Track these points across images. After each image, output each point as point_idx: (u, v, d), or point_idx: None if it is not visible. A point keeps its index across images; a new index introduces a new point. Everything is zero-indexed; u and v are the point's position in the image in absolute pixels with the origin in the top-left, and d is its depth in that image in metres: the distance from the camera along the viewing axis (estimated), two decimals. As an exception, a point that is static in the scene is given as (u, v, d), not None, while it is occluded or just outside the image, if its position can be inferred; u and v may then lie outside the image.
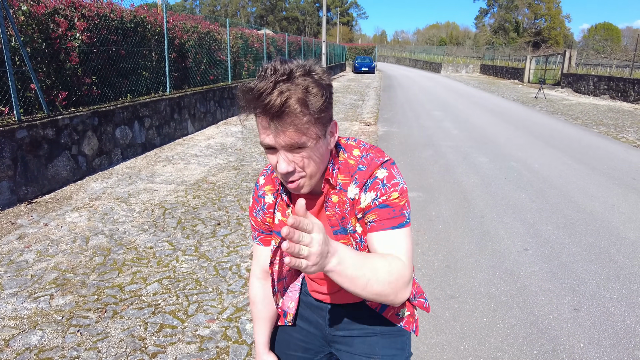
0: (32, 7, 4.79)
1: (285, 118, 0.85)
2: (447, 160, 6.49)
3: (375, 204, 0.99)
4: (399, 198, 0.99)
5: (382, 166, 1.02)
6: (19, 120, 4.37)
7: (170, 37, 7.77)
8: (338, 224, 1.05)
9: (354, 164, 1.03)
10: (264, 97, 0.84)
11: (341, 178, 1.02)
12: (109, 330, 2.40)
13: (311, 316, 1.26)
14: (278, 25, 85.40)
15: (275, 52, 15.20)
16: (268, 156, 0.94)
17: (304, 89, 0.87)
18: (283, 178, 0.95)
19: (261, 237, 1.19)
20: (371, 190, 0.99)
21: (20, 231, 3.67)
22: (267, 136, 0.89)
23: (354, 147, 1.06)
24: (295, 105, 0.85)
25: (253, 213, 1.17)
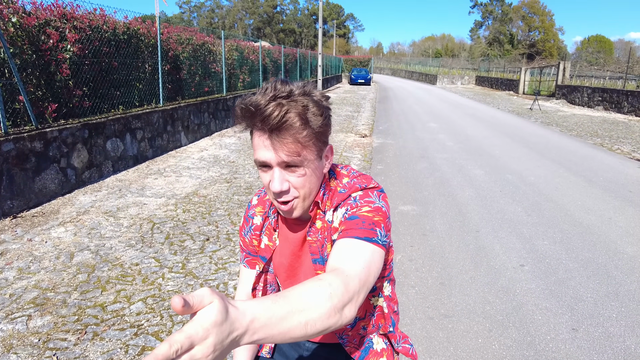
0: (22, 18, 4.74)
1: (284, 132, 0.85)
2: (442, 173, 6.43)
3: (345, 217, 0.94)
4: (370, 212, 0.91)
5: (361, 189, 0.98)
6: (5, 133, 4.29)
7: (164, 49, 7.74)
8: (318, 252, 1.00)
9: (339, 191, 1.00)
10: (264, 110, 0.84)
11: (328, 204, 1.00)
12: (87, 353, 2.29)
13: (289, 352, 1.20)
14: (275, 38, 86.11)
15: (271, 64, 15.24)
16: (262, 175, 0.92)
17: (303, 105, 0.87)
18: (276, 198, 0.92)
19: (248, 258, 1.15)
20: (343, 206, 0.96)
21: (2, 247, 3.56)
22: (264, 152, 0.87)
23: (345, 176, 1.04)
24: (294, 118, 0.85)
25: (242, 233, 1.15)
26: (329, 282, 0.71)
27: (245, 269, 1.16)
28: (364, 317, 1.09)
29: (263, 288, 1.12)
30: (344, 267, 0.78)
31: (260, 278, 1.10)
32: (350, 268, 0.78)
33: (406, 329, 2.60)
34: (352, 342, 1.09)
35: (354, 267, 0.79)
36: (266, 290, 1.13)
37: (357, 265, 0.80)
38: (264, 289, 1.12)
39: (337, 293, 0.70)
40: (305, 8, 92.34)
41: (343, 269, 0.78)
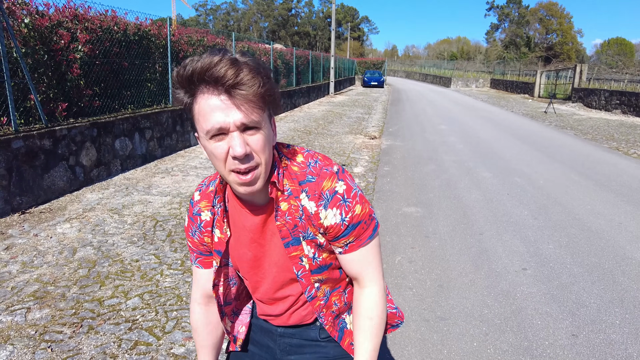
0: (35, 19, 4.86)
1: (244, 87, 0.79)
2: (449, 175, 6.36)
3: (345, 224, 0.94)
4: (362, 207, 0.96)
5: (339, 178, 0.96)
6: (15, 131, 4.39)
7: (175, 50, 7.84)
8: (289, 235, 0.97)
9: (298, 171, 0.96)
10: (217, 67, 0.78)
11: (288, 183, 0.95)
12: (81, 346, 2.32)
13: (262, 340, 1.18)
14: (290, 40, 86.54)
15: (282, 65, 15.31)
16: (214, 147, 0.83)
17: (255, 64, 0.83)
18: (236, 168, 0.84)
19: (200, 258, 1.10)
20: (333, 207, 0.94)
21: (9, 241, 3.64)
22: (219, 115, 0.80)
23: (297, 153, 1.00)
24: (249, 74, 0.79)
25: (189, 233, 1.09)
26: (368, 310, 1.03)
27: (199, 269, 1.12)
28: (335, 290, 1.08)
29: (224, 283, 1.09)
30: (367, 278, 1.03)
31: (220, 273, 1.07)
32: (371, 273, 1.03)
33: (400, 330, 2.57)
34: (328, 321, 1.08)
35: (373, 270, 1.03)
36: (226, 284, 1.10)
37: (374, 268, 1.03)
38: (225, 283, 1.10)
39: (376, 312, 1.03)
40: (320, 11, 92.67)
41: (367, 281, 1.03)
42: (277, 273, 1.03)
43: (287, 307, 1.08)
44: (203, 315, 1.15)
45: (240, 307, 1.18)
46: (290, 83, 16.41)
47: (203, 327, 1.15)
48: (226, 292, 1.11)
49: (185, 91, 0.83)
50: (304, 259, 1.00)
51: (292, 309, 1.09)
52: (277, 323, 1.12)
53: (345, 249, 0.99)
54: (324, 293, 1.06)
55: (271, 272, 1.04)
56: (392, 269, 3.37)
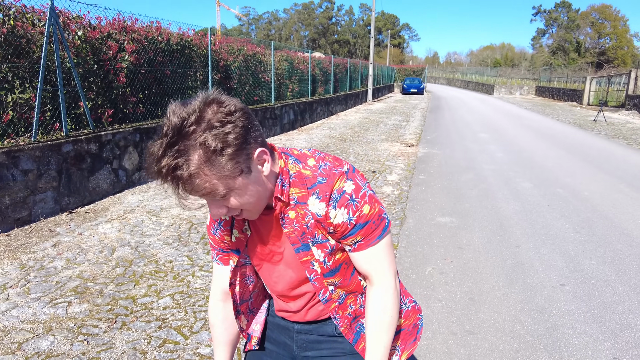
0: (87, 32, 5.19)
1: (190, 182, 0.79)
2: (488, 185, 6.17)
3: (352, 223, 0.96)
4: (371, 207, 0.98)
5: (348, 177, 0.97)
6: (66, 135, 4.69)
7: (215, 59, 8.11)
8: (299, 241, 1.00)
9: (310, 175, 0.97)
10: (160, 165, 0.78)
11: (296, 192, 0.97)
12: (114, 341, 2.43)
13: (279, 337, 1.20)
14: (329, 48, 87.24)
15: (320, 73, 15.45)
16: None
17: (202, 145, 0.77)
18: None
19: (220, 255, 1.13)
20: (341, 206, 0.95)
21: (56, 239, 3.88)
22: (182, 201, 0.84)
23: (309, 157, 1.01)
24: (195, 166, 0.78)
25: (211, 231, 1.13)
26: (382, 309, 1.04)
27: (219, 266, 1.15)
28: (351, 293, 1.09)
29: (240, 282, 1.12)
30: (376, 277, 1.04)
31: (237, 272, 1.10)
32: (382, 271, 1.03)
33: (426, 342, 2.51)
34: (344, 323, 1.09)
35: (384, 269, 1.03)
36: (243, 283, 1.13)
37: (386, 267, 1.03)
38: (241, 282, 1.13)
39: (389, 312, 1.04)
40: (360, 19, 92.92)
41: (377, 279, 1.04)
42: (294, 272, 1.06)
43: (305, 304, 1.10)
44: (221, 312, 1.18)
45: (257, 306, 1.21)
46: (328, 91, 16.53)
47: (220, 323, 1.18)
48: (242, 290, 1.14)
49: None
50: (315, 263, 1.02)
51: (309, 305, 1.11)
52: (294, 319, 1.14)
53: (353, 247, 1.01)
54: (338, 296, 1.07)
55: (287, 274, 1.06)
56: (422, 279, 3.30)
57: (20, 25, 4.40)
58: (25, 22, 4.50)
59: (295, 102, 12.26)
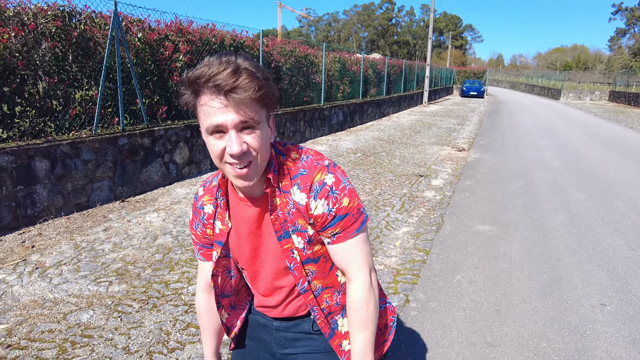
0: (146, 34, 5.58)
1: (241, 91, 0.87)
2: (537, 194, 5.85)
3: (331, 215, 1.01)
4: (350, 200, 1.03)
5: (329, 171, 1.02)
6: (122, 130, 5.08)
7: (268, 61, 8.37)
8: (281, 228, 1.04)
9: (292, 166, 1.03)
10: (219, 72, 0.87)
11: (281, 180, 1.03)
12: (144, 320, 2.63)
13: (259, 335, 1.25)
14: (388, 49, 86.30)
15: (373, 75, 15.37)
16: (214, 144, 0.92)
17: (255, 68, 0.91)
18: (232, 164, 0.93)
19: (202, 251, 1.19)
20: (321, 197, 1.00)
21: (107, 224, 4.23)
22: (219, 115, 0.88)
23: (292, 150, 1.07)
24: (246, 79, 0.88)
25: (193, 226, 1.18)
26: (356, 304, 1.07)
27: (202, 261, 1.21)
28: (327, 288, 1.12)
29: (222, 274, 1.17)
30: (353, 272, 1.08)
31: (220, 264, 1.15)
32: (356, 265, 1.07)
33: (442, 350, 2.46)
34: (321, 317, 1.12)
35: (359, 262, 1.07)
36: (224, 276, 1.18)
37: (360, 261, 1.07)
38: (223, 275, 1.18)
39: (363, 305, 1.07)
40: (420, 20, 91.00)
41: (354, 275, 1.08)
42: (273, 261, 1.10)
43: (283, 298, 1.14)
44: (206, 302, 1.25)
45: (238, 302, 1.27)
46: (380, 92, 16.40)
47: (205, 312, 1.26)
48: (224, 283, 1.20)
49: (191, 92, 0.92)
50: (295, 251, 1.06)
51: (287, 300, 1.15)
52: (273, 315, 1.19)
53: (332, 239, 1.05)
54: (315, 288, 1.11)
55: (268, 261, 1.11)
56: (449, 287, 3.23)
57: (89, 29, 4.83)
58: (94, 27, 4.94)
59: (345, 103, 12.30)
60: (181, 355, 2.33)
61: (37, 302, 2.79)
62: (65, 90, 4.62)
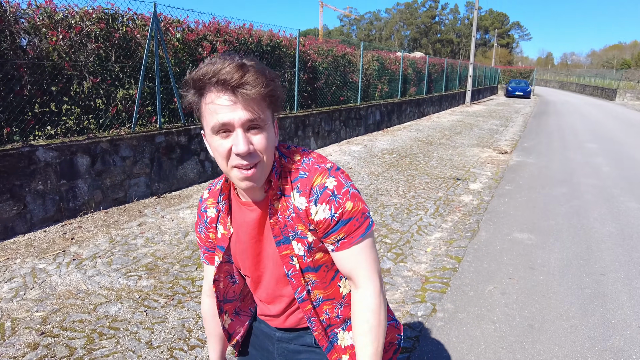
0: (185, 34, 5.72)
1: (247, 87, 0.85)
2: (582, 202, 5.50)
3: (334, 220, 0.96)
4: (354, 204, 0.97)
5: (330, 174, 0.98)
6: (159, 128, 5.24)
7: (304, 60, 8.38)
8: (280, 233, 1.01)
9: (293, 169, 1.00)
10: (225, 69, 0.85)
11: (282, 183, 1.00)
12: (168, 316, 2.68)
13: (263, 343, 1.23)
14: (431, 48, 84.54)
15: (413, 74, 15.07)
16: (219, 144, 0.89)
17: (259, 65, 0.90)
18: (238, 165, 0.90)
19: (206, 254, 1.18)
20: (322, 202, 0.96)
21: (142, 219, 4.37)
22: (225, 113, 0.86)
23: (295, 152, 1.03)
24: (253, 76, 0.86)
25: (197, 229, 1.17)
26: (366, 314, 1.01)
27: (207, 265, 1.19)
28: (328, 300, 1.08)
29: (224, 279, 1.15)
30: (361, 278, 1.02)
31: (222, 269, 1.13)
32: (364, 272, 1.01)
33: (467, 364, 2.34)
34: (318, 329, 1.07)
35: (367, 269, 1.01)
36: (227, 281, 1.16)
37: (368, 268, 1.01)
38: (225, 280, 1.15)
39: (374, 314, 1.01)
40: (465, 17, 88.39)
41: (361, 281, 1.02)
42: (274, 268, 1.06)
43: (284, 308, 1.11)
44: (211, 307, 1.23)
45: (243, 309, 1.24)
46: (420, 91, 16.05)
47: (211, 317, 1.24)
48: (227, 289, 1.17)
49: (195, 91, 0.90)
50: (294, 258, 1.02)
51: (289, 311, 1.11)
52: (275, 325, 1.15)
53: (336, 246, 0.99)
54: (315, 298, 1.06)
55: (269, 267, 1.07)
56: (480, 298, 3.08)
57: (130, 31, 5.01)
58: (135, 28, 5.11)
59: (382, 102, 12.13)
60: (200, 353, 2.35)
61: (72, 292, 2.91)
62: (107, 89, 4.82)
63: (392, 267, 3.53)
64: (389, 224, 4.51)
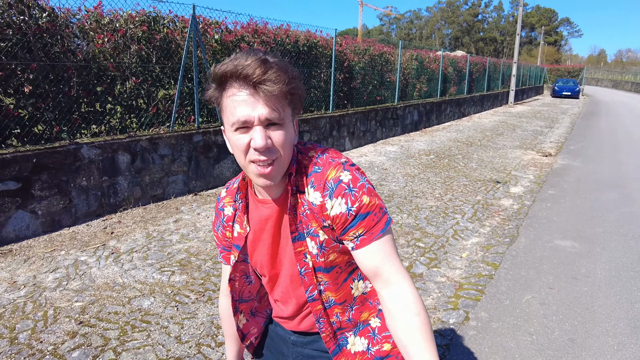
0: (223, 35, 5.84)
1: (268, 84, 0.85)
2: (635, 209, 5.14)
3: (352, 214, 0.93)
4: (370, 198, 0.94)
5: (344, 168, 0.95)
6: (197, 127, 5.37)
7: (341, 60, 8.35)
8: (296, 229, 0.99)
9: (308, 164, 0.98)
10: (247, 65, 0.85)
11: (299, 179, 0.98)
12: (198, 312, 2.73)
13: (278, 347, 1.21)
14: (474, 47, 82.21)
15: (453, 73, 14.68)
16: (237, 139, 0.89)
17: (282, 62, 0.89)
18: (256, 161, 0.89)
19: (223, 254, 1.17)
20: (338, 196, 0.93)
21: (178, 216, 4.49)
22: (245, 109, 0.86)
23: (310, 149, 1.02)
24: (275, 73, 0.85)
25: (215, 227, 1.17)
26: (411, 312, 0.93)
27: (224, 264, 1.18)
28: (340, 304, 1.04)
29: (240, 279, 1.14)
30: (389, 274, 0.96)
31: (237, 268, 1.12)
32: (391, 267, 0.96)
33: (500, 377, 2.23)
34: (327, 330, 1.04)
35: (392, 264, 0.96)
36: (242, 281, 1.14)
37: (393, 263, 0.96)
38: (241, 280, 1.14)
39: (413, 310, 0.93)
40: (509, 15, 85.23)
41: (391, 277, 0.96)
42: (290, 266, 1.05)
43: (298, 309, 1.09)
44: (227, 306, 1.22)
45: (259, 310, 1.23)
46: (461, 91, 15.62)
47: (227, 317, 1.23)
48: (242, 288, 1.16)
49: (217, 86, 0.90)
50: (307, 255, 1.00)
51: (303, 313, 1.09)
52: (289, 327, 1.14)
53: (356, 243, 0.96)
54: (326, 299, 1.04)
55: (285, 265, 1.06)
56: (516, 307, 2.93)
57: (170, 32, 5.17)
58: (175, 30, 5.27)
59: (421, 102, 11.89)
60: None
61: (109, 285, 3.03)
62: (148, 89, 4.99)
63: (425, 272, 3.43)
64: (424, 227, 4.40)
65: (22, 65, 3.89)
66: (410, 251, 3.80)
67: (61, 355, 2.29)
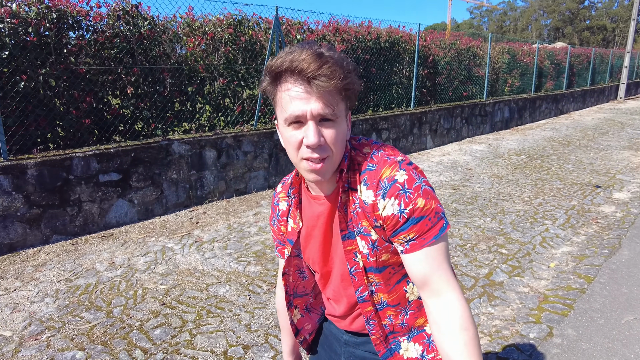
0: (305, 35, 5.96)
1: (323, 79, 0.83)
2: None
3: (404, 217, 0.89)
4: (426, 202, 0.89)
5: (400, 167, 0.91)
6: (277, 124, 5.56)
7: (425, 55, 8.08)
8: (346, 227, 0.98)
9: (362, 161, 0.95)
10: (302, 59, 0.83)
11: (351, 176, 0.96)
12: (268, 302, 2.82)
13: (331, 345, 1.21)
14: (577, 37, 74.44)
15: (551, 66, 13.43)
16: (291, 135, 0.89)
17: (338, 56, 0.87)
18: (308, 157, 0.88)
19: (279, 247, 1.18)
20: (391, 196, 0.90)
21: (258, 209, 4.69)
22: (298, 104, 0.85)
23: (365, 145, 0.99)
24: (330, 68, 0.84)
25: (271, 222, 1.18)
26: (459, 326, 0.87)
27: (280, 258, 1.18)
28: (393, 306, 1.00)
29: (293, 273, 1.14)
30: (438, 284, 0.90)
31: (291, 262, 1.12)
32: (441, 277, 0.90)
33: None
34: (377, 333, 1.01)
35: (444, 274, 0.90)
36: (297, 276, 1.15)
37: (444, 273, 0.90)
38: (294, 274, 1.14)
39: (462, 326, 0.87)
40: (625, -2, 75.51)
41: (441, 288, 0.90)
42: (340, 264, 1.03)
43: (349, 309, 1.07)
44: (283, 300, 1.23)
45: (315, 306, 1.22)
46: (559, 86, 14.23)
47: (283, 310, 1.25)
48: (296, 283, 1.17)
49: (271, 79, 0.90)
50: (358, 255, 0.98)
51: (355, 313, 1.08)
52: (342, 326, 1.12)
53: (406, 247, 0.91)
54: (378, 300, 1.01)
55: (336, 263, 1.05)
56: (613, 328, 2.59)
57: (254, 34, 5.41)
58: (259, 31, 5.51)
59: (512, 98, 11.06)
60: (294, 342, 2.42)
61: (190, 271, 3.26)
62: (234, 89, 5.28)
63: (506, 280, 3.18)
64: (508, 232, 4.09)
65: (126, 69, 4.34)
66: (491, 257, 3.56)
67: (146, 331, 2.52)
